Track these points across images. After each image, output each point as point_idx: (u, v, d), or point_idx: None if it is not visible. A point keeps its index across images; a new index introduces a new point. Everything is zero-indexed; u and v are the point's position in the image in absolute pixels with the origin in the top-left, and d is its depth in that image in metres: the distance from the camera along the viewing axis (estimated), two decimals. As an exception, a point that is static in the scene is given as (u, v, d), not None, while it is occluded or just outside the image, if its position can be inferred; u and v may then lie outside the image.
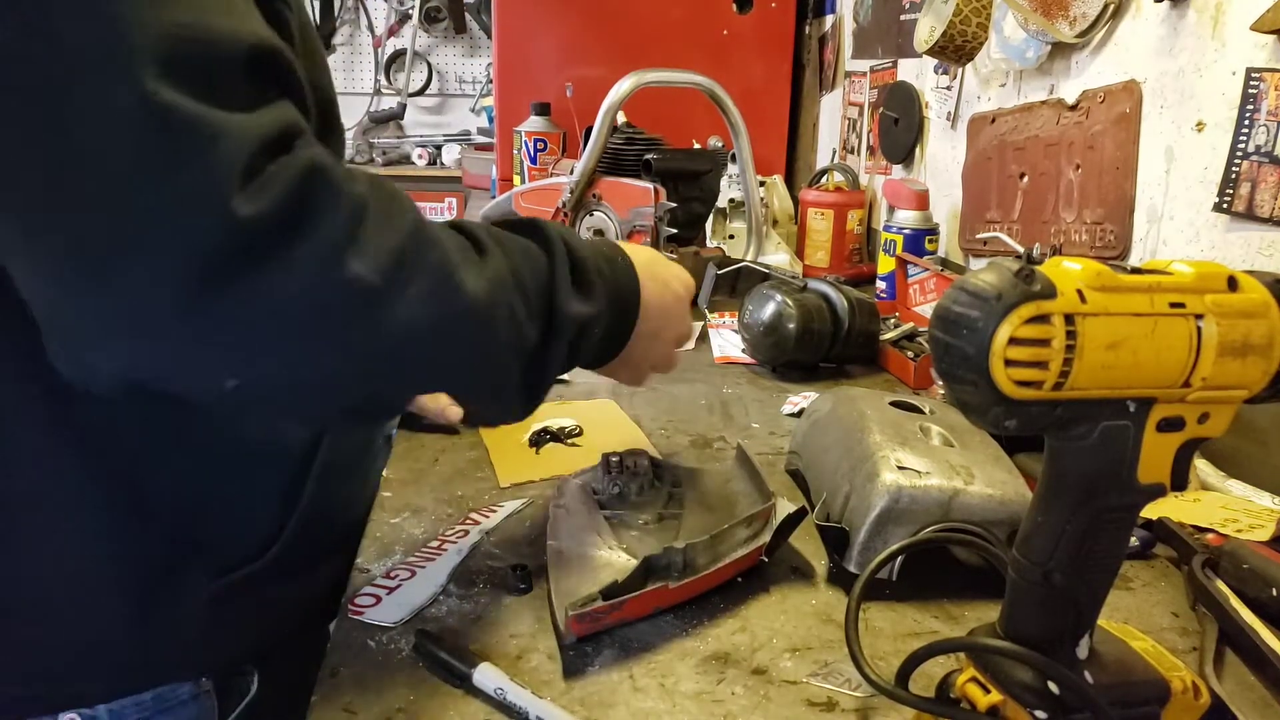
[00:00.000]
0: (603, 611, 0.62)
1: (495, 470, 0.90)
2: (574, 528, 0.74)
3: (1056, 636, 0.51)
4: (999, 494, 0.70)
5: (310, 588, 0.73)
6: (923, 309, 1.42)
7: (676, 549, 0.67)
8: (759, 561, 0.71)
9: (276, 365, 0.50)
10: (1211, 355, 0.45)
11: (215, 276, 0.46)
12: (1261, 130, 0.93)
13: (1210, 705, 0.53)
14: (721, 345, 1.33)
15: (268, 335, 0.49)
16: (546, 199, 1.62)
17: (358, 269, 0.49)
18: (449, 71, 4.17)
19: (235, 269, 0.46)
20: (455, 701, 0.58)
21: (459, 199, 3.75)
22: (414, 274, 0.52)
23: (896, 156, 1.85)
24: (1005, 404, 0.44)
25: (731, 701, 0.58)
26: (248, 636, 0.70)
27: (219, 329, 0.47)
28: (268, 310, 0.48)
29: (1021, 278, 0.43)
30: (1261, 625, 0.64)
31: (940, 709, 0.53)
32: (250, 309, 0.47)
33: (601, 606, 0.62)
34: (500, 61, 2.30)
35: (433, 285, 0.53)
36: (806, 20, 2.41)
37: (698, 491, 0.81)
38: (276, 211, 0.47)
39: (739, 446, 0.84)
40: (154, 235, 0.45)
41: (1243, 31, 0.95)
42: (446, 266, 0.55)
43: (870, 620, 0.68)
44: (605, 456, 0.82)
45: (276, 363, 0.50)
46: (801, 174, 2.44)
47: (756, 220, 1.64)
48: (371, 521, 0.80)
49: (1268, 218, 0.93)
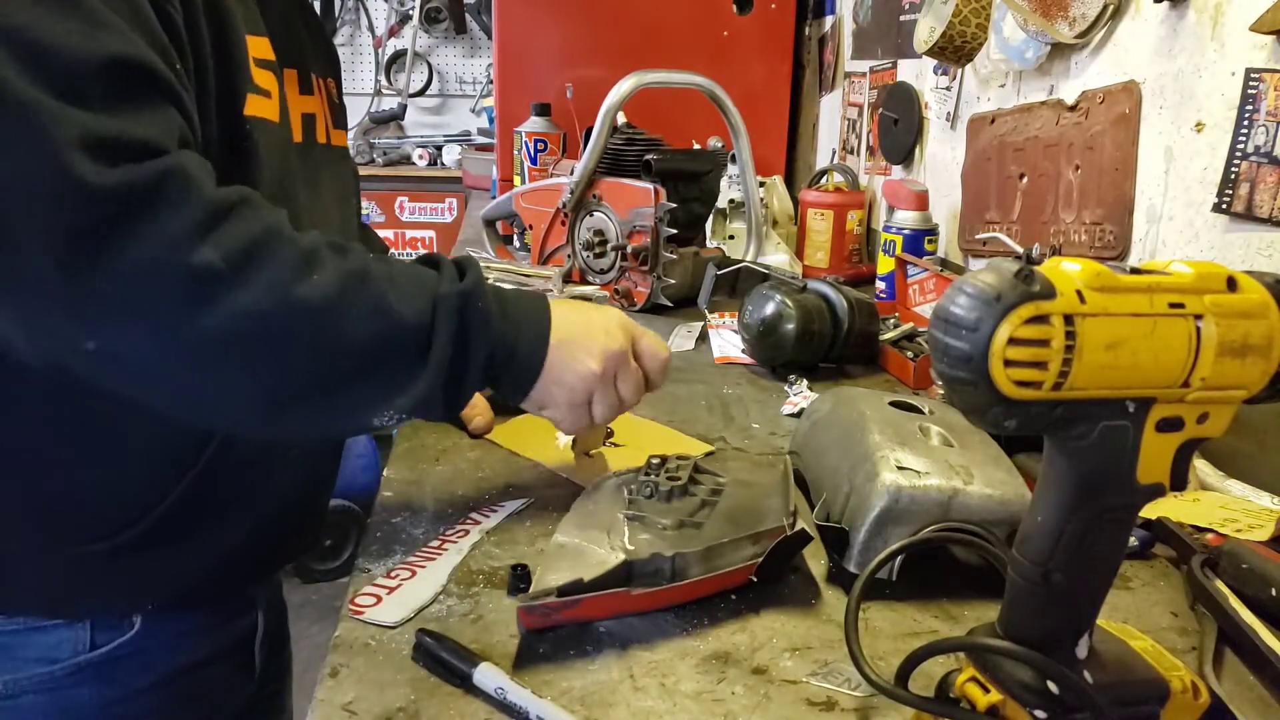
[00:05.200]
0: (554, 607, 0.62)
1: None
2: (586, 524, 0.74)
3: (1056, 636, 0.51)
4: (998, 494, 0.70)
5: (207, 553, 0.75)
6: (922, 309, 1.42)
7: (664, 556, 0.67)
8: (748, 580, 0.69)
9: (129, 332, 0.56)
10: (1211, 355, 0.45)
11: (75, 241, 0.53)
12: (1261, 130, 0.94)
13: (1209, 705, 0.53)
14: (721, 345, 1.33)
15: (122, 302, 0.55)
16: (546, 199, 1.62)
17: (207, 255, 0.56)
18: (449, 72, 4.17)
19: (92, 236, 0.53)
20: (455, 701, 0.58)
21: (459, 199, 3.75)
22: (263, 265, 0.58)
23: (896, 157, 1.85)
24: (1004, 404, 0.44)
25: (732, 701, 0.58)
26: (123, 593, 0.73)
27: (79, 292, 0.54)
28: (120, 278, 0.54)
29: (1021, 278, 0.43)
30: (1260, 625, 0.64)
31: (940, 708, 0.53)
32: (105, 276, 0.54)
33: (553, 602, 0.62)
34: (500, 62, 2.30)
35: (277, 276, 0.59)
36: (806, 21, 2.41)
37: (731, 503, 0.78)
38: (128, 189, 0.54)
39: (785, 462, 0.82)
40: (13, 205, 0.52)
41: (1242, 32, 0.95)
42: (296, 261, 0.61)
43: (870, 620, 0.68)
44: (650, 457, 0.82)
45: (129, 329, 0.56)
46: (801, 174, 2.44)
47: (756, 221, 1.64)
48: (371, 521, 0.80)
49: (1267, 218, 0.93)
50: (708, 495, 0.78)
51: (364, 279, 0.64)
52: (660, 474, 0.79)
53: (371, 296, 0.64)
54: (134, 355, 0.58)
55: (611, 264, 1.53)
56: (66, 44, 0.54)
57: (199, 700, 0.81)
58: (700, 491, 0.79)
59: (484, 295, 0.70)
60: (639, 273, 1.50)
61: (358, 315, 0.63)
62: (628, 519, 0.75)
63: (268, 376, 0.61)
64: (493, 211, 1.81)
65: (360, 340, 0.63)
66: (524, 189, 1.73)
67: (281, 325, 0.60)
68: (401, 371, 0.65)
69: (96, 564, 0.70)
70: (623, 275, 1.53)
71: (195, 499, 0.71)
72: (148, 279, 0.55)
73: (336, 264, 0.63)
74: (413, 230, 3.88)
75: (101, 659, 0.73)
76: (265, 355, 0.60)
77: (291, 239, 0.62)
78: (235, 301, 0.57)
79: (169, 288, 0.56)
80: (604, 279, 1.56)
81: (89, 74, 0.54)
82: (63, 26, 0.54)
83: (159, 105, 0.58)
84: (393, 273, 0.67)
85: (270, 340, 0.60)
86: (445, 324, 0.67)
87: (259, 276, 0.58)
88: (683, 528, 0.74)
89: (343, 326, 0.62)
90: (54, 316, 0.56)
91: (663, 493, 0.77)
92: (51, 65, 0.53)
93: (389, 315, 0.64)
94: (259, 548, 0.79)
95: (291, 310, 0.60)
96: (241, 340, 0.58)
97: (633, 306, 1.52)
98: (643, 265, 1.48)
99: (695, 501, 0.78)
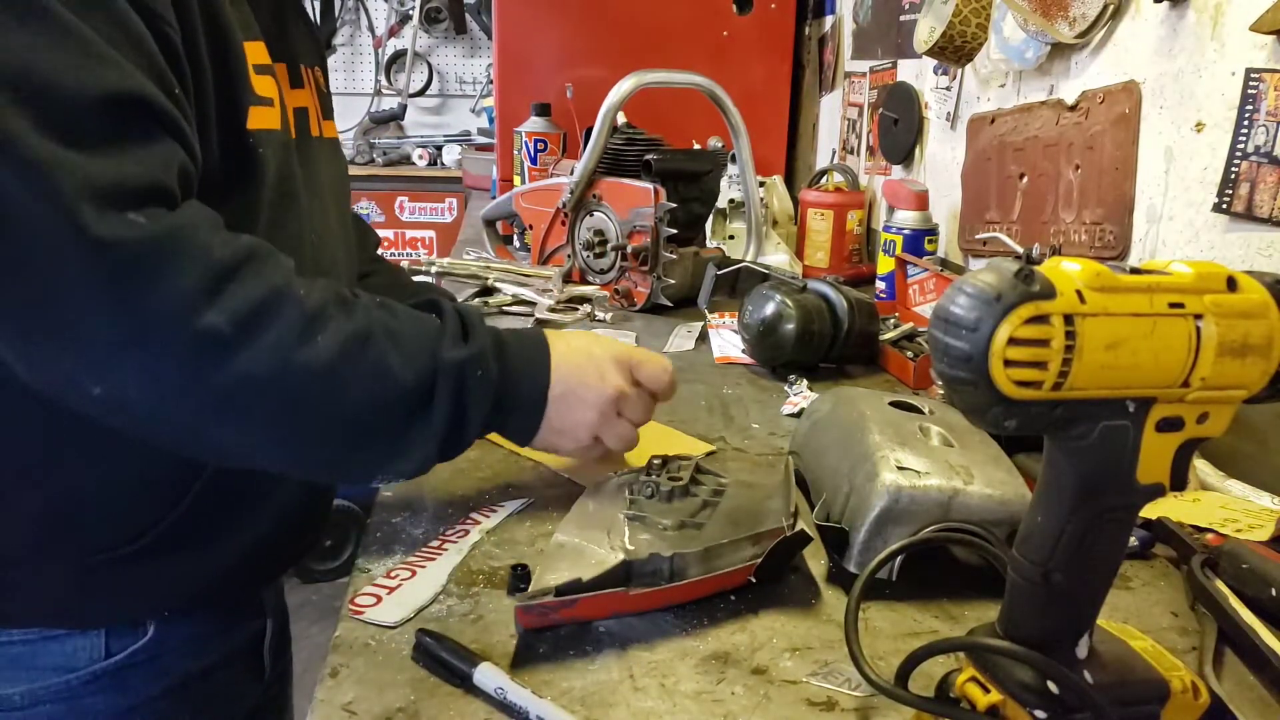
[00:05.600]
0: (551, 606, 0.62)
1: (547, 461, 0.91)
2: (586, 523, 0.74)
3: (1056, 636, 0.51)
4: (998, 494, 0.70)
5: (217, 559, 0.75)
6: (922, 309, 1.42)
7: (663, 556, 0.67)
8: (746, 581, 0.69)
9: (134, 383, 0.57)
10: (1210, 355, 0.45)
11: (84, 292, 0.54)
12: (1261, 130, 0.94)
13: (1209, 705, 0.53)
14: (721, 345, 1.33)
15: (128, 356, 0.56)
16: (546, 199, 1.62)
17: (213, 319, 0.57)
18: (449, 72, 4.17)
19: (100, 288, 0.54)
20: (455, 701, 0.58)
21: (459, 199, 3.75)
22: (268, 328, 0.59)
23: (896, 157, 1.85)
24: (1004, 404, 0.44)
25: (731, 701, 0.58)
26: (137, 600, 0.73)
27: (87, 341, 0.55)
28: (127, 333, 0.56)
29: (1021, 278, 0.43)
30: (1261, 625, 0.64)
31: (940, 709, 0.53)
32: (112, 329, 0.55)
33: (551, 601, 0.62)
34: (500, 62, 2.30)
35: (282, 340, 0.60)
36: (806, 21, 2.41)
37: (733, 504, 0.78)
38: (137, 244, 0.55)
39: (787, 462, 0.82)
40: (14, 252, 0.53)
41: (1242, 32, 0.95)
42: (301, 324, 0.61)
43: (870, 620, 0.68)
44: (652, 458, 0.82)
45: (134, 381, 0.57)
46: (801, 174, 2.44)
47: (756, 221, 1.64)
48: (371, 521, 0.80)
49: (1267, 218, 0.93)
50: (709, 496, 0.78)
51: (366, 340, 0.65)
52: (662, 474, 0.79)
53: (372, 360, 0.65)
54: (139, 403, 0.59)
55: (611, 264, 1.53)
56: (62, 81, 0.53)
57: (212, 704, 0.81)
58: (702, 492, 0.79)
59: (485, 360, 0.71)
60: (639, 273, 1.50)
61: (359, 380, 0.64)
62: (628, 519, 0.75)
63: (269, 434, 0.63)
64: (493, 211, 1.81)
65: (360, 406, 0.64)
66: (524, 189, 1.73)
67: (283, 389, 0.61)
68: (400, 437, 0.67)
69: (111, 572, 0.70)
70: (623, 275, 1.53)
71: (208, 505, 0.71)
72: (154, 337, 0.57)
73: (340, 325, 0.64)
74: (413, 230, 3.88)
75: (116, 667, 0.72)
76: (267, 416, 0.62)
77: (297, 300, 0.62)
78: (239, 364, 0.58)
79: (174, 348, 0.57)
80: (604, 279, 1.56)
81: (87, 112, 0.54)
82: (60, 62, 0.54)
83: (159, 140, 0.59)
84: (396, 330, 0.67)
85: (272, 403, 0.61)
86: (444, 390, 0.68)
87: (263, 340, 0.59)
88: (683, 528, 0.74)
89: (343, 392, 0.63)
90: (62, 362, 0.57)
91: (664, 493, 0.77)
92: (49, 105, 0.53)
93: (389, 380, 0.65)
94: (270, 550, 0.79)
95: (293, 375, 0.61)
96: (244, 401, 0.60)
97: (633, 306, 1.52)
98: (643, 265, 1.48)
99: (697, 502, 0.77)
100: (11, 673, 0.70)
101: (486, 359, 0.71)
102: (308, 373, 0.61)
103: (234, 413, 0.60)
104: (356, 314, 0.66)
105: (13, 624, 0.70)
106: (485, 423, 0.72)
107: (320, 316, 0.63)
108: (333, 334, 0.63)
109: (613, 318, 1.46)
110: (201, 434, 0.62)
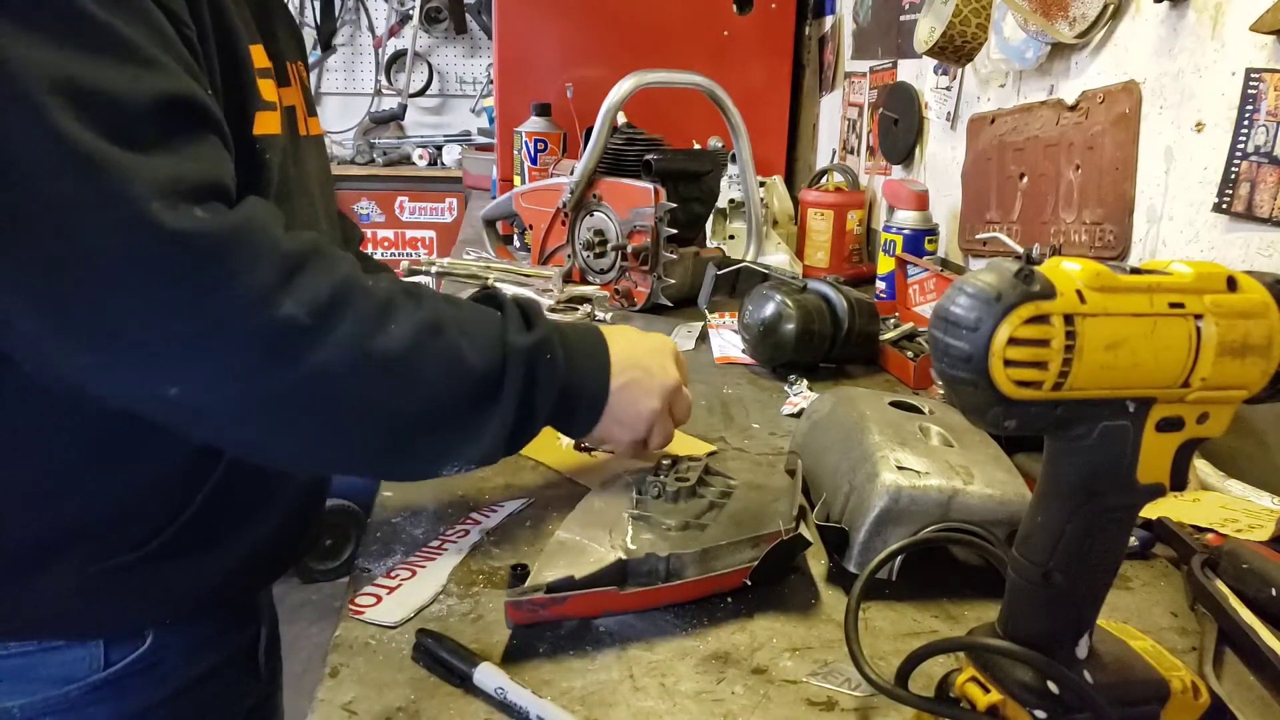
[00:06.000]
0: (541, 603, 0.62)
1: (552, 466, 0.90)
2: (590, 521, 0.74)
3: (1056, 636, 0.51)
4: (998, 494, 0.70)
5: (220, 562, 0.74)
6: (922, 309, 1.42)
7: (659, 556, 0.67)
8: (742, 584, 0.69)
9: (211, 381, 0.57)
10: (1211, 355, 0.45)
11: (159, 289, 0.54)
12: (1261, 130, 0.94)
13: (1209, 705, 0.53)
14: (721, 345, 1.33)
15: (206, 352, 0.56)
16: (546, 199, 1.62)
17: (289, 309, 0.57)
18: (449, 72, 4.17)
19: (176, 284, 0.54)
20: (455, 701, 0.58)
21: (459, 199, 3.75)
22: (343, 319, 0.59)
23: (896, 157, 1.85)
24: (1005, 404, 0.44)
25: (731, 701, 0.58)
26: (137, 608, 0.72)
27: (163, 340, 0.55)
28: (204, 328, 0.55)
29: (1021, 278, 0.43)
30: (1261, 625, 0.64)
31: (940, 708, 0.53)
32: (189, 326, 0.55)
33: (540, 598, 0.62)
34: (500, 62, 2.30)
35: (357, 329, 0.60)
36: (806, 21, 2.41)
37: (739, 506, 0.78)
38: (208, 238, 0.54)
39: (798, 465, 0.82)
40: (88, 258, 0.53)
41: (1242, 32, 0.95)
42: (374, 314, 0.61)
43: (870, 620, 0.68)
44: (661, 458, 0.82)
45: (211, 378, 0.57)
46: (801, 174, 2.44)
47: (756, 220, 1.64)
48: (371, 521, 0.80)
49: (1267, 218, 0.93)
50: (716, 498, 0.78)
51: (437, 330, 0.65)
52: (669, 475, 0.79)
53: (445, 348, 0.65)
54: (214, 404, 0.58)
55: (611, 264, 1.53)
56: (115, 87, 0.53)
57: (210, 709, 0.80)
58: (709, 493, 0.79)
59: (552, 346, 0.71)
60: (639, 273, 1.50)
61: (432, 369, 0.64)
62: (632, 518, 0.75)
63: (341, 429, 0.62)
64: (493, 211, 1.81)
65: (435, 393, 0.64)
66: (524, 189, 1.73)
67: (359, 379, 0.61)
68: (471, 425, 0.67)
69: (113, 580, 0.69)
70: (623, 275, 1.53)
71: (213, 510, 0.71)
72: (232, 330, 0.56)
73: (411, 315, 0.64)
74: (413, 230, 3.88)
75: (116, 676, 0.72)
76: (341, 408, 0.61)
77: (367, 290, 0.62)
78: (315, 355, 0.58)
79: (252, 341, 0.56)
80: (604, 279, 1.56)
81: (142, 116, 0.54)
82: (111, 69, 0.53)
83: (209, 140, 0.59)
84: (463, 319, 0.68)
85: (348, 394, 0.61)
86: (514, 377, 0.68)
87: (340, 330, 0.59)
88: (687, 529, 0.74)
89: (418, 380, 0.63)
90: (138, 364, 0.56)
91: (670, 493, 0.77)
92: (104, 111, 0.53)
93: (462, 368, 0.65)
94: (268, 554, 0.79)
95: (370, 364, 0.61)
96: (319, 393, 0.59)
97: (633, 306, 1.52)
98: (643, 265, 1.48)
99: (703, 503, 0.77)
100: (10, 685, 0.69)
101: (553, 345, 0.71)
102: (384, 361, 0.61)
103: (312, 406, 0.60)
104: (424, 304, 0.66)
105: (11, 636, 0.69)
106: (552, 410, 0.72)
107: (391, 306, 0.63)
108: (404, 323, 0.63)
109: (613, 318, 1.46)
110: (276, 432, 0.61)
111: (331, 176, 0.95)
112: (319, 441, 0.63)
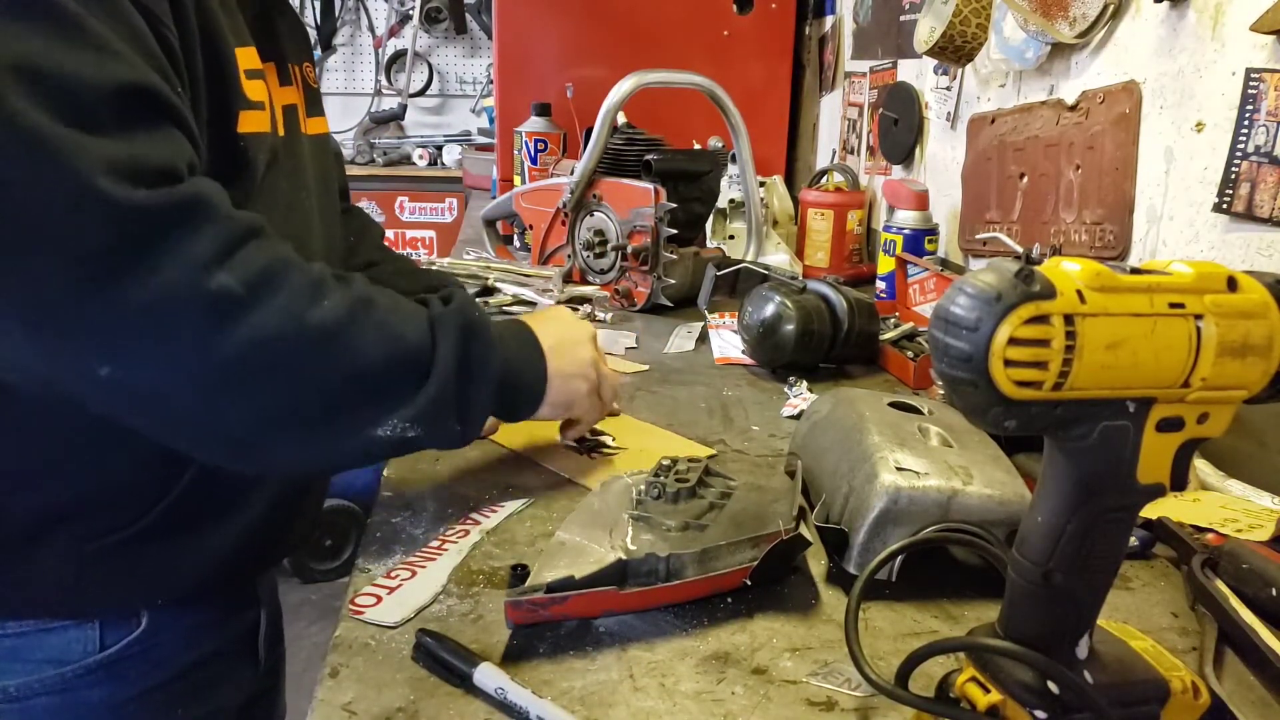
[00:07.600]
0: (541, 603, 0.62)
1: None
2: (590, 522, 0.74)
3: (1056, 636, 0.51)
4: (998, 494, 0.70)
5: (212, 544, 0.75)
6: (922, 309, 1.42)
7: (659, 556, 0.67)
8: (742, 584, 0.69)
9: (145, 357, 0.57)
10: (1211, 355, 0.45)
11: (98, 263, 0.54)
12: (1261, 130, 0.94)
13: (1210, 705, 0.53)
14: (721, 346, 1.33)
15: (141, 326, 0.56)
16: (546, 199, 1.62)
17: (225, 279, 0.57)
18: (449, 72, 4.17)
19: (116, 258, 0.54)
20: (455, 701, 0.58)
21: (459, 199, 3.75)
22: (278, 290, 0.60)
23: (896, 157, 1.85)
24: (1005, 404, 0.44)
25: (731, 701, 0.58)
26: (129, 588, 0.73)
27: (98, 315, 0.55)
28: (141, 301, 0.55)
29: (1021, 278, 0.43)
30: (1261, 625, 0.64)
31: (940, 709, 0.53)
32: (126, 299, 0.55)
33: (540, 598, 0.62)
34: (501, 62, 2.30)
35: (292, 300, 0.61)
36: (806, 21, 2.41)
37: (739, 507, 0.78)
38: (152, 212, 0.55)
39: (798, 466, 0.82)
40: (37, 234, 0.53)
41: (1242, 32, 0.95)
42: (308, 287, 0.62)
43: (870, 620, 0.68)
44: (661, 459, 0.82)
45: (145, 354, 0.57)
46: (801, 174, 2.44)
47: (756, 221, 1.64)
48: (371, 521, 0.80)
49: (1267, 218, 0.93)
50: (717, 498, 0.78)
51: (369, 305, 0.66)
52: (669, 476, 0.79)
53: (376, 321, 0.66)
54: (147, 381, 0.58)
55: (611, 264, 1.53)
56: (77, 73, 0.54)
57: (207, 695, 0.81)
58: (709, 494, 0.79)
59: (475, 308, 0.73)
60: (639, 273, 1.50)
61: (366, 338, 0.65)
62: (633, 519, 0.75)
63: (277, 400, 0.62)
64: (493, 211, 1.81)
65: (369, 361, 0.65)
66: (524, 189, 1.73)
67: (296, 349, 0.61)
68: (408, 386, 0.67)
69: (107, 559, 0.70)
70: (623, 275, 1.53)
71: (199, 492, 0.72)
72: (168, 303, 0.56)
73: (344, 291, 0.65)
74: (413, 230, 3.88)
75: (111, 659, 0.73)
76: (277, 379, 0.61)
77: (302, 267, 0.63)
78: (251, 326, 0.58)
79: (188, 312, 0.57)
80: (604, 279, 1.56)
81: (101, 102, 0.55)
82: (73, 56, 0.54)
83: (168, 130, 0.59)
84: (394, 300, 0.70)
85: (284, 364, 0.61)
86: (446, 339, 0.69)
87: (274, 301, 0.60)
88: (687, 529, 0.74)
89: (353, 348, 0.64)
90: (71, 341, 0.56)
91: (670, 494, 0.77)
92: (65, 95, 0.54)
93: (394, 337, 0.67)
94: (263, 539, 0.79)
95: (306, 334, 0.61)
96: (256, 364, 0.59)
97: (633, 306, 1.52)
98: (643, 265, 1.48)
99: (703, 504, 0.77)
100: (6, 665, 0.70)
101: (475, 308, 0.74)
102: (320, 330, 0.62)
103: (247, 379, 0.59)
104: (355, 284, 0.67)
105: (9, 616, 0.70)
106: (498, 381, 0.73)
107: (324, 283, 0.64)
108: (338, 299, 0.64)
109: (613, 318, 1.46)
110: (211, 409, 0.60)
111: (336, 174, 0.96)
112: (250, 418, 0.62)
